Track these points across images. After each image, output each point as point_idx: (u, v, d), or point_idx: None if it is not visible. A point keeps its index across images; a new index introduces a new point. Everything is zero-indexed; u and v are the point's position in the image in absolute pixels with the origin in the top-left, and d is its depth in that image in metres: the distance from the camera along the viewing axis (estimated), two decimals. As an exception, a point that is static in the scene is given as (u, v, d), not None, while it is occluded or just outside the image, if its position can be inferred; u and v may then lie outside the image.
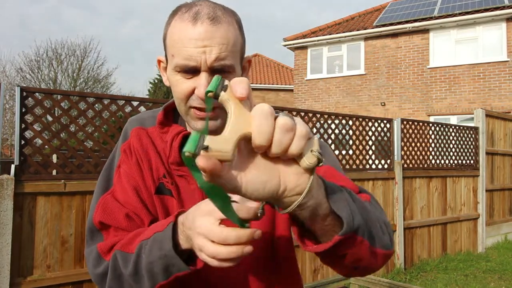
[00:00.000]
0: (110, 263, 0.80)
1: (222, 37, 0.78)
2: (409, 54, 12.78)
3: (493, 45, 11.62)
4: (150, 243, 0.74)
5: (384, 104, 13.08)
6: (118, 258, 0.78)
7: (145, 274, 0.75)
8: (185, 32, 0.77)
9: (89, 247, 0.86)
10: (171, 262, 0.71)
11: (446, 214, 6.15)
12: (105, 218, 0.84)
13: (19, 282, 2.75)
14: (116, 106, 3.45)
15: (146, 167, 0.88)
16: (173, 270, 0.72)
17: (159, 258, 0.72)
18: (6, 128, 17.43)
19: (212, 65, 0.78)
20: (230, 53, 0.79)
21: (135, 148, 0.89)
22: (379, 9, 14.80)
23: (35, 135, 2.99)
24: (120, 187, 0.87)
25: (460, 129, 6.42)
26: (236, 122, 0.51)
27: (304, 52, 14.53)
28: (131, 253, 0.76)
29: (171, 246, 0.70)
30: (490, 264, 5.86)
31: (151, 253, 0.73)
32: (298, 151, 0.51)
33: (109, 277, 0.80)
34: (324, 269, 4.50)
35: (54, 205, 2.92)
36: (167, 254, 0.71)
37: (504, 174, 7.48)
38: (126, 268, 0.77)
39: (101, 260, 0.81)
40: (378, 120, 5.22)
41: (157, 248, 0.72)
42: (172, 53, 0.80)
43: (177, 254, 0.70)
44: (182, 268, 0.71)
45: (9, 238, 2.70)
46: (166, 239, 0.71)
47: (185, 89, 0.81)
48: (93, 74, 22.68)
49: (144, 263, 0.74)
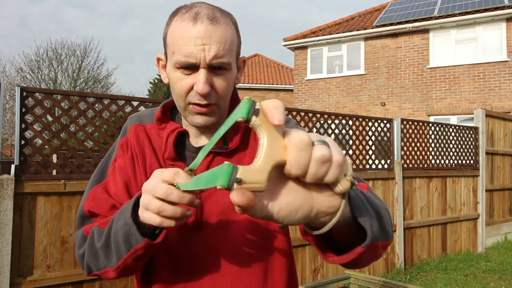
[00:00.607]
0: (88, 239, 0.85)
1: (220, 36, 0.81)
2: (409, 54, 12.78)
3: (493, 45, 11.62)
4: (118, 214, 0.78)
5: (384, 104, 13.08)
6: (95, 233, 0.83)
7: (112, 245, 0.79)
8: (186, 30, 0.81)
9: (77, 230, 0.92)
10: (130, 231, 0.74)
11: (446, 214, 6.15)
12: (92, 207, 0.89)
13: (19, 282, 2.75)
14: (116, 106, 3.45)
15: (140, 162, 0.91)
16: (132, 240, 0.74)
17: (122, 225, 0.75)
18: (6, 128, 17.43)
19: (211, 62, 0.81)
20: (228, 51, 0.83)
21: (132, 144, 0.93)
22: (379, 9, 14.79)
23: (35, 135, 2.99)
24: (113, 179, 0.92)
25: (460, 129, 6.42)
26: (269, 150, 0.48)
27: (304, 52, 14.53)
28: (104, 229, 0.81)
29: (130, 214, 0.73)
30: (490, 264, 5.86)
31: (117, 222, 0.77)
32: (333, 180, 0.50)
33: (86, 253, 0.85)
34: (324, 269, 4.50)
35: (54, 205, 2.93)
36: (127, 222, 0.74)
37: (504, 174, 7.48)
38: (99, 241, 0.81)
39: (84, 240, 0.87)
40: (378, 120, 5.22)
41: (122, 217, 0.76)
42: (172, 50, 0.83)
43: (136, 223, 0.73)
44: (139, 239, 0.73)
45: (9, 238, 2.70)
46: (128, 208, 0.75)
47: (184, 85, 0.84)
48: (93, 74, 22.70)
49: (112, 234, 0.78)
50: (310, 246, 4.37)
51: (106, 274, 0.84)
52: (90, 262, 0.85)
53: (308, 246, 4.35)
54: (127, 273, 0.85)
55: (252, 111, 0.49)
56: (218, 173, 0.49)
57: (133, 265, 0.80)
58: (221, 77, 0.85)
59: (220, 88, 0.85)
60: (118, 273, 0.83)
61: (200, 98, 0.83)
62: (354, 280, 3.78)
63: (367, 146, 5.07)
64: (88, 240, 0.85)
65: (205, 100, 0.84)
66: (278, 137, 0.49)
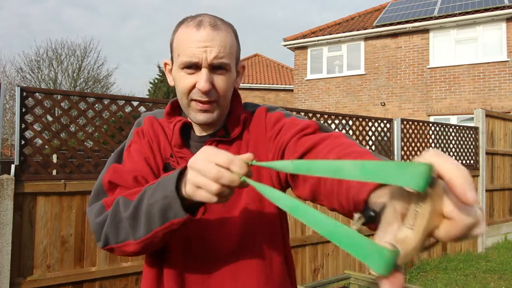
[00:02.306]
0: (111, 209, 0.85)
1: (221, 40, 0.91)
2: (409, 54, 12.78)
3: (493, 45, 11.62)
4: (154, 186, 0.79)
5: (384, 104, 13.08)
6: (120, 203, 0.84)
7: (143, 217, 0.79)
8: (190, 35, 0.90)
9: (92, 204, 0.92)
10: (170, 204, 0.75)
11: (446, 214, 6.15)
12: (114, 178, 0.92)
13: (19, 282, 2.75)
14: (116, 106, 3.45)
15: (155, 147, 0.98)
16: (170, 214, 0.75)
17: (161, 198, 0.75)
18: (6, 128, 17.43)
19: (212, 62, 0.90)
20: (227, 54, 0.92)
21: (147, 131, 1.01)
22: (379, 9, 14.80)
23: (35, 135, 2.99)
24: (130, 158, 0.96)
25: (460, 129, 6.42)
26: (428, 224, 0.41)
27: (304, 52, 14.53)
28: (133, 200, 0.82)
29: (174, 188, 0.74)
30: (490, 264, 5.86)
31: (154, 195, 0.77)
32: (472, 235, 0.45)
33: (107, 223, 0.85)
34: (324, 269, 4.50)
35: (54, 205, 2.93)
36: (168, 195, 0.74)
37: (504, 174, 7.48)
38: (126, 211, 0.82)
39: (104, 211, 0.88)
40: (378, 120, 5.22)
41: (161, 190, 0.76)
42: (178, 53, 0.92)
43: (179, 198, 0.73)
44: (179, 214, 0.74)
45: (9, 238, 2.70)
46: (170, 181, 0.75)
47: (187, 83, 0.92)
48: (93, 74, 22.69)
49: (145, 205, 0.78)
50: (310, 246, 4.37)
51: (125, 248, 0.85)
52: (109, 232, 0.85)
53: (308, 246, 4.35)
54: (148, 250, 0.86)
55: (430, 181, 0.40)
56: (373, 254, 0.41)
57: (160, 240, 0.81)
58: (221, 77, 0.92)
59: (220, 87, 0.93)
60: (140, 248, 0.83)
61: (202, 95, 0.91)
62: (354, 280, 3.78)
63: (367, 146, 5.07)
64: (111, 209, 0.85)
65: (206, 97, 0.91)
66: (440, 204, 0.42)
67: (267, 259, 0.97)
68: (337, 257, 4.66)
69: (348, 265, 4.75)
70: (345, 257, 4.73)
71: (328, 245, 4.56)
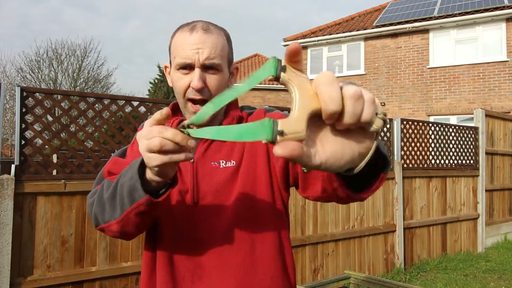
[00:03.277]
0: (99, 190, 0.94)
1: (212, 43, 0.99)
2: (409, 54, 12.78)
3: (493, 45, 11.62)
4: (126, 169, 0.86)
5: (384, 104, 13.08)
6: (104, 185, 0.92)
7: (118, 197, 0.86)
8: (184, 39, 0.99)
9: (92, 190, 1.01)
10: (134, 186, 0.81)
11: (446, 214, 6.15)
12: (113, 168, 1.01)
13: (19, 282, 2.76)
14: (116, 106, 3.45)
15: None
16: (135, 195, 0.81)
17: (128, 179, 0.82)
18: (6, 128, 17.43)
19: (204, 62, 0.98)
20: (219, 55, 1.00)
21: None
22: (379, 9, 14.80)
23: (35, 135, 3.00)
24: (133, 155, 1.04)
25: (460, 129, 6.42)
26: (302, 100, 0.51)
27: (304, 52, 14.53)
28: (113, 181, 0.89)
29: (136, 169, 0.80)
30: (490, 264, 5.86)
31: (125, 176, 0.84)
32: (370, 118, 0.52)
33: (94, 204, 0.93)
34: (324, 269, 4.50)
35: (54, 205, 2.93)
36: (133, 176, 0.81)
37: (504, 174, 7.48)
38: (107, 192, 0.89)
39: (95, 194, 0.96)
40: (378, 120, 5.21)
41: (129, 171, 0.83)
42: (174, 56, 1.01)
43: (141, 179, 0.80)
44: (142, 195, 0.80)
45: (9, 238, 2.70)
46: (137, 162, 0.81)
47: (183, 83, 1.00)
48: (93, 74, 22.68)
49: (119, 186, 0.85)
50: (310, 246, 4.38)
51: (110, 227, 0.91)
52: (97, 212, 0.92)
53: (308, 246, 4.35)
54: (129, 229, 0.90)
55: (280, 68, 0.52)
56: (259, 128, 0.51)
57: (134, 221, 0.86)
58: (213, 76, 1.00)
59: (212, 85, 1.00)
60: (120, 228, 0.89)
61: (195, 93, 0.99)
62: (354, 280, 3.78)
63: (367, 146, 5.06)
64: (99, 191, 0.94)
65: (200, 95, 0.99)
66: (308, 88, 0.51)
67: (259, 246, 1.02)
68: (337, 257, 4.66)
69: (348, 265, 4.75)
70: (345, 257, 4.73)
71: (328, 245, 4.56)
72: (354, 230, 4.82)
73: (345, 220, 4.79)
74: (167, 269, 1.00)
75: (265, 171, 1.03)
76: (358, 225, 4.91)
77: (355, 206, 4.89)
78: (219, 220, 1.00)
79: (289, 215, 4.20)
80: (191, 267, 1.00)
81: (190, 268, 1.00)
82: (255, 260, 1.02)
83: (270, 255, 1.04)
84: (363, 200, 0.76)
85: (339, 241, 4.67)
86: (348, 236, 4.75)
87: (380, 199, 5.16)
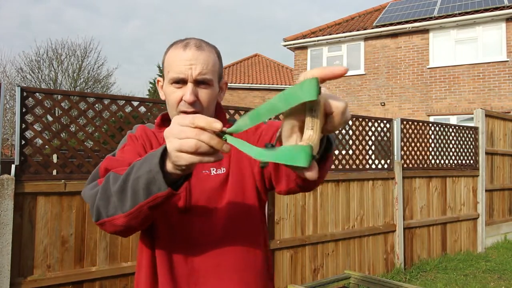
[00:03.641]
0: (103, 183, 0.90)
1: (204, 59, 1.05)
2: (409, 54, 12.78)
3: (492, 45, 11.62)
4: (141, 161, 0.83)
5: (384, 104, 13.08)
6: (110, 178, 0.89)
7: (129, 190, 0.83)
8: (178, 55, 1.05)
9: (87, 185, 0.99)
10: (154, 178, 0.78)
11: (445, 214, 6.15)
12: (110, 165, 0.98)
13: (19, 282, 2.76)
14: (116, 106, 3.45)
15: (149, 149, 1.10)
16: (154, 188, 0.79)
17: (146, 172, 0.80)
18: (6, 128, 17.43)
19: (196, 78, 1.04)
20: (210, 71, 1.06)
21: (141, 136, 1.13)
22: (379, 9, 14.79)
23: (35, 135, 3.00)
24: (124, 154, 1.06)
25: (460, 129, 6.43)
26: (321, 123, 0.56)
27: (304, 52, 14.53)
28: (121, 174, 0.87)
29: (157, 161, 0.78)
30: (489, 264, 5.86)
31: (140, 169, 0.81)
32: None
33: (98, 196, 0.90)
34: (324, 269, 4.50)
35: (54, 205, 2.93)
36: (152, 169, 0.78)
37: (504, 174, 7.49)
38: (115, 185, 0.86)
39: (96, 186, 0.95)
40: (378, 120, 5.22)
41: (146, 164, 0.80)
42: (168, 70, 1.07)
43: (162, 172, 0.78)
44: (162, 187, 0.78)
45: (9, 238, 2.70)
46: (155, 155, 0.79)
47: (176, 97, 1.05)
48: (93, 74, 22.69)
49: (131, 179, 0.82)
50: (310, 246, 4.38)
51: (115, 221, 0.88)
52: (100, 205, 0.89)
53: (308, 246, 4.35)
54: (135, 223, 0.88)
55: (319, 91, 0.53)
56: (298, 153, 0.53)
57: (145, 214, 0.85)
58: (204, 91, 1.06)
59: (203, 99, 1.06)
60: (127, 221, 0.87)
61: (188, 106, 1.04)
62: (354, 280, 3.79)
63: (367, 146, 5.07)
64: (103, 184, 0.90)
65: (192, 108, 1.04)
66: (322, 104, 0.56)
67: (249, 248, 1.10)
68: (337, 257, 4.66)
69: (348, 265, 4.75)
70: (345, 257, 4.73)
71: (328, 245, 4.56)
72: (354, 230, 4.83)
73: (345, 220, 4.79)
74: (167, 273, 1.05)
75: (250, 177, 1.11)
76: (358, 225, 4.91)
77: (355, 206, 4.89)
78: (211, 226, 1.06)
79: (289, 215, 4.20)
80: (186, 272, 1.05)
81: (186, 272, 1.05)
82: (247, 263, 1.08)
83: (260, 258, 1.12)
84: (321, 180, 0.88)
85: (339, 241, 4.67)
86: (348, 236, 4.76)
87: (380, 199, 5.17)
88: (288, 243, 4.16)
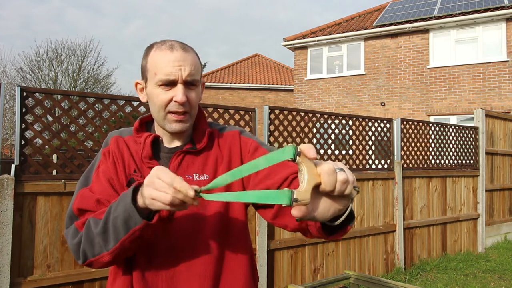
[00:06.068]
0: (84, 229, 0.99)
1: (191, 60, 1.07)
2: (409, 54, 12.78)
3: (493, 45, 11.62)
4: (116, 202, 0.94)
5: (384, 104, 13.08)
6: (91, 223, 0.98)
7: (111, 229, 0.93)
8: (165, 57, 1.05)
9: (67, 228, 1.06)
10: (129, 215, 0.90)
11: (446, 214, 6.15)
12: (81, 205, 1.05)
13: (19, 282, 2.76)
14: (116, 106, 3.45)
15: (120, 165, 1.11)
16: (131, 223, 0.90)
17: (122, 212, 0.91)
18: (6, 128, 17.43)
19: (186, 79, 1.05)
20: (196, 72, 1.08)
21: (113, 151, 1.13)
22: (379, 9, 14.79)
23: (35, 135, 2.99)
24: (96, 181, 1.09)
25: (460, 129, 6.42)
26: (310, 177, 0.73)
27: (304, 52, 14.53)
28: (101, 218, 0.97)
29: (130, 201, 0.89)
30: (490, 264, 5.86)
31: (116, 209, 0.92)
32: (350, 192, 0.77)
33: (82, 242, 0.99)
34: (324, 269, 4.50)
35: (54, 205, 2.93)
36: (127, 208, 0.90)
37: (504, 174, 7.48)
38: (96, 228, 0.96)
39: (78, 233, 1.02)
40: (378, 120, 5.22)
41: (121, 204, 0.92)
42: (154, 72, 1.06)
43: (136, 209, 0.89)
44: (138, 221, 0.90)
45: (9, 238, 2.70)
46: (127, 196, 0.91)
47: (165, 98, 1.06)
48: (93, 74, 22.70)
49: (111, 219, 0.93)
50: (310, 246, 4.37)
51: (101, 259, 0.98)
52: (86, 248, 0.99)
53: (308, 246, 4.35)
54: (120, 257, 1.00)
55: (296, 153, 0.73)
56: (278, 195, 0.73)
57: (128, 247, 0.95)
58: (192, 91, 1.09)
59: (192, 100, 1.08)
60: (113, 257, 0.97)
61: (179, 106, 1.06)
62: (354, 280, 3.78)
63: (367, 146, 5.07)
64: (84, 230, 0.99)
65: (182, 108, 1.06)
66: (313, 168, 0.74)
67: (235, 254, 1.12)
68: (337, 257, 4.66)
69: (348, 265, 4.75)
70: (345, 257, 4.73)
71: (328, 245, 4.56)
72: (354, 230, 4.82)
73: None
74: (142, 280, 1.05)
75: (239, 186, 1.12)
76: (358, 225, 4.91)
77: (355, 206, 4.89)
78: (193, 233, 1.07)
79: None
80: (166, 278, 1.06)
81: (166, 278, 1.06)
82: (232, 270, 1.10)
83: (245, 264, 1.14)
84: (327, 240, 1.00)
85: (339, 241, 4.67)
86: (348, 236, 4.75)
87: (380, 199, 5.17)
88: (288, 243, 4.16)
